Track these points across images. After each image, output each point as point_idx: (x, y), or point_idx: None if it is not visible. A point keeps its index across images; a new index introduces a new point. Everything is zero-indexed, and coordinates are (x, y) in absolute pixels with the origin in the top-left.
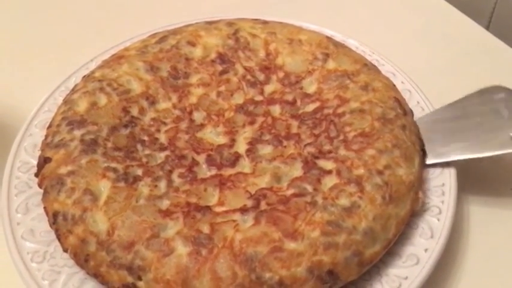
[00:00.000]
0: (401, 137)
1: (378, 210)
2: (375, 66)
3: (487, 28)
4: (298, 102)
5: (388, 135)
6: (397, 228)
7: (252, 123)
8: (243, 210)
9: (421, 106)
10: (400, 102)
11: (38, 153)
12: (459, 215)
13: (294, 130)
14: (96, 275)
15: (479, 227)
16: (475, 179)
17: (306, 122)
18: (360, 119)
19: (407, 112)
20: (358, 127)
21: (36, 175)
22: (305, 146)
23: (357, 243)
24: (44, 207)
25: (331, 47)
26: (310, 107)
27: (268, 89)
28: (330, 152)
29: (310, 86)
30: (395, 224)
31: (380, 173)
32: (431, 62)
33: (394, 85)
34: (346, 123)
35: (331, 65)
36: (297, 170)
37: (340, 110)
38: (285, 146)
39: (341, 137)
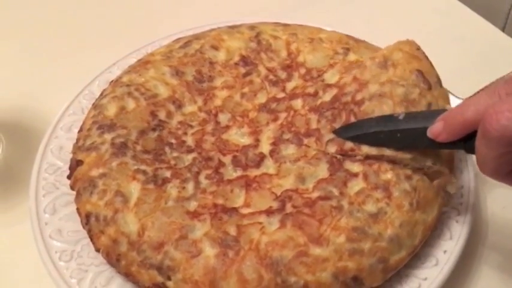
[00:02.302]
0: None
1: (404, 217)
2: None
3: (503, 29)
4: (320, 93)
5: None
6: (424, 234)
7: (275, 120)
8: (269, 212)
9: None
10: (423, 75)
11: (63, 155)
12: (478, 216)
13: (314, 125)
14: (127, 274)
15: (498, 228)
16: (493, 181)
17: (324, 114)
18: (380, 105)
19: (431, 85)
20: (381, 114)
21: (69, 177)
22: (327, 142)
23: (382, 250)
24: (77, 209)
25: (351, 42)
26: (327, 96)
27: (290, 85)
28: (352, 150)
29: (332, 77)
30: (422, 230)
31: (408, 177)
32: (448, 64)
33: (418, 48)
34: (366, 112)
35: (352, 57)
36: (323, 171)
37: (359, 97)
38: (306, 145)
39: None
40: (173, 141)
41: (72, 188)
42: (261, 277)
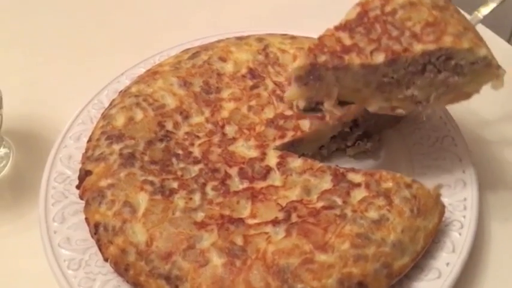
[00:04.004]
0: (463, 19)
1: (406, 223)
2: None
3: (508, 41)
4: (327, 117)
5: (453, 20)
6: (426, 241)
7: (282, 137)
8: (275, 222)
9: (443, 121)
10: None
11: (72, 164)
12: (481, 229)
13: (348, 42)
14: (135, 284)
15: (501, 241)
16: (497, 194)
17: (356, 30)
18: (417, 11)
19: None
20: (421, 19)
21: (78, 187)
22: (372, 52)
23: (386, 255)
24: (86, 218)
25: None
26: (353, 13)
27: None
28: (405, 50)
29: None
30: (424, 236)
31: (408, 186)
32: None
33: None
34: (403, 19)
35: None
36: (327, 183)
37: (388, 8)
38: (349, 61)
39: (407, 33)
40: (180, 152)
41: (81, 197)
42: (268, 285)
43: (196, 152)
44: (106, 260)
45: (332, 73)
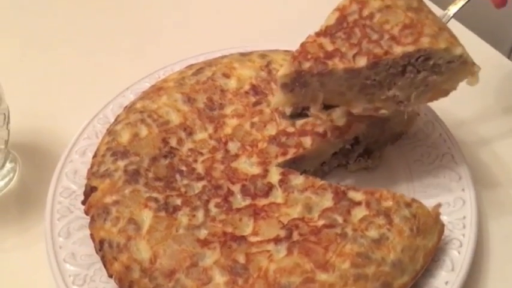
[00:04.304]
0: (437, 19)
1: (406, 242)
2: None
3: (508, 57)
4: (329, 134)
5: (428, 21)
6: (425, 260)
7: (284, 154)
8: (277, 240)
9: (443, 138)
10: None
11: (78, 179)
12: (480, 247)
13: (330, 48)
14: None
15: (500, 259)
16: (496, 212)
17: (336, 35)
18: (393, 14)
19: None
20: (398, 21)
21: (83, 203)
22: (354, 57)
23: (385, 274)
24: (91, 234)
25: None
26: (332, 18)
27: (300, 120)
28: (386, 53)
29: (341, 119)
30: (423, 255)
31: (408, 205)
32: (452, 92)
33: None
34: (380, 22)
35: None
36: (328, 201)
37: (366, 13)
38: (333, 67)
39: (386, 36)
40: (184, 168)
41: (86, 213)
42: None
43: (200, 168)
44: (110, 276)
45: (317, 79)
